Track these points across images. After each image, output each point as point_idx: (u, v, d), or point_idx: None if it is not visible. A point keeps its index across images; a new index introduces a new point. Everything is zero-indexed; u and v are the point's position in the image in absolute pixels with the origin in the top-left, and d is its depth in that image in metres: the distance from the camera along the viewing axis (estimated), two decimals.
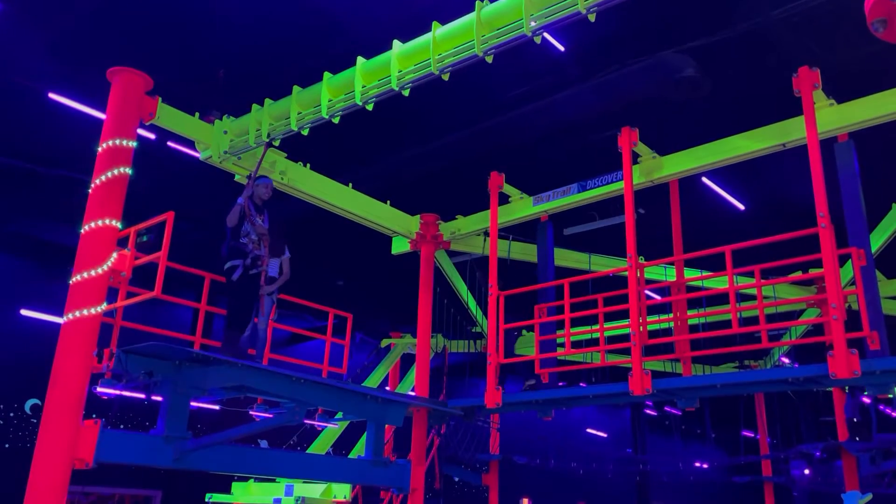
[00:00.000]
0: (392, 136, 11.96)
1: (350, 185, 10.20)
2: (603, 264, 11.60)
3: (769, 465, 15.36)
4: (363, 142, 11.79)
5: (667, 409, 25.30)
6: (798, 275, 10.21)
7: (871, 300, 6.82)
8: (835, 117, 7.65)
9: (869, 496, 8.77)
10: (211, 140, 8.30)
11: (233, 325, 7.50)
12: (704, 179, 12.32)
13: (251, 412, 8.52)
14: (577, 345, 11.20)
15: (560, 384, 10.33)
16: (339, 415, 9.75)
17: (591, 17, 5.79)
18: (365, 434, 9.02)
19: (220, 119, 8.31)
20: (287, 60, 9.95)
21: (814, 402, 16.67)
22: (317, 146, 9.37)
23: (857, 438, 10.25)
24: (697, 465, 27.65)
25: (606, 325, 8.55)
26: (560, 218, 10.74)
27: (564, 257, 11.69)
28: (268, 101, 7.97)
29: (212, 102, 8.49)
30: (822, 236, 6.56)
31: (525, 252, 11.56)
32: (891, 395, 7.74)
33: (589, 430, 26.89)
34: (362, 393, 8.40)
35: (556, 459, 21.51)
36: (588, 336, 11.24)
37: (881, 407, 16.97)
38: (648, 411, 26.34)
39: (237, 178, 8.83)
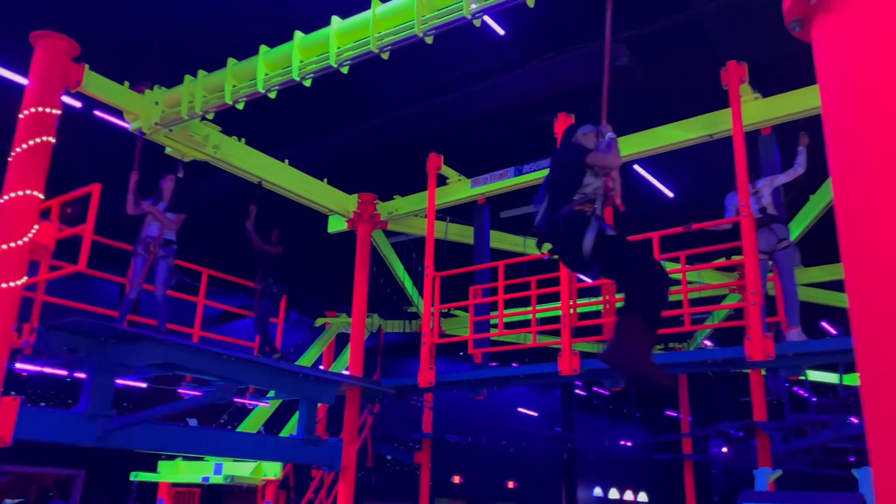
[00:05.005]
0: (331, 114, 11.81)
1: (286, 161, 10.06)
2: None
3: (690, 443, 15.99)
4: (301, 118, 11.61)
5: (595, 389, 26.04)
6: (721, 261, 10.62)
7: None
8: (760, 111, 7.96)
9: (779, 472, 9.26)
10: (141, 110, 8.05)
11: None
12: (636, 167, 12.63)
13: (179, 390, 8.39)
14: (510, 326, 11.39)
15: (493, 364, 10.52)
16: (271, 393, 9.70)
17: (530, 3, 5.85)
18: (297, 413, 9.01)
19: (151, 89, 8.06)
20: (223, 32, 9.68)
21: (733, 382, 17.45)
22: (253, 121, 9.19)
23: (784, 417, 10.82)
24: (623, 443, 28.60)
25: (538, 307, 8.73)
26: (498, 201, 10.85)
27: (501, 240, 11.84)
28: (201, 72, 7.77)
29: (143, 71, 8.22)
30: (742, 225, 6.85)
31: (462, 234, 11.66)
32: (802, 377, 8.17)
33: (520, 410, 27.44)
34: (294, 371, 8.37)
35: (488, 438, 21.90)
36: (521, 318, 11.44)
37: (794, 388, 17.90)
38: (578, 391, 27.05)
39: (168, 150, 8.60)
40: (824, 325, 15.97)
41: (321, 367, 12.73)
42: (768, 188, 7.44)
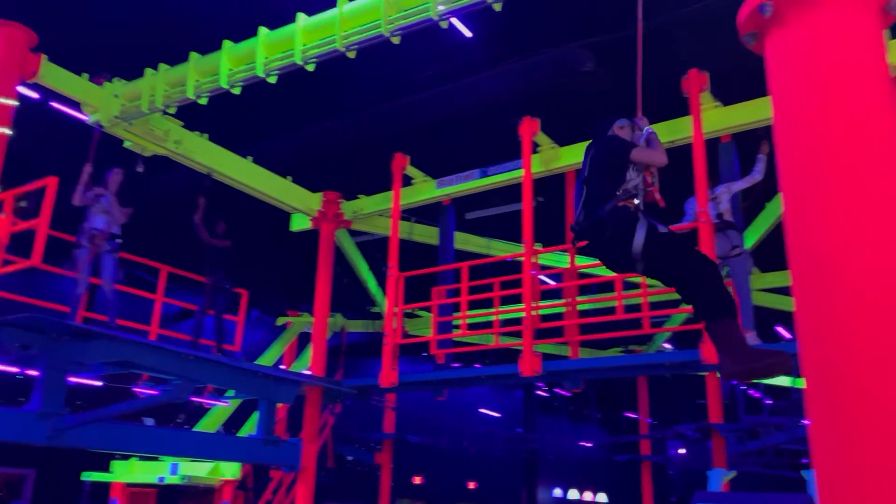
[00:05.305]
0: (296, 111, 11.72)
1: (250, 158, 9.95)
2: (503, 249, 11.86)
3: (648, 445, 16.22)
4: (267, 115, 11.49)
5: (556, 390, 26.26)
6: None
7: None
8: (720, 119, 8.12)
9: (733, 473, 9.46)
10: (100, 103, 7.89)
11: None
12: None
13: (135, 388, 8.25)
14: (473, 327, 11.44)
15: (455, 365, 10.54)
16: (231, 393, 9.59)
17: (497, 7, 5.89)
18: (255, 413, 8.91)
19: (111, 81, 7.90)
20: (185, 25, 9.54)
21: (691, 385, 17.74)
22: (217, 117, 9.08)
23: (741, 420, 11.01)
24: (583, 444, 28.88)
25: (501, 309, 8.79)
26: (463, 202, 10.88)
27: (466, 241, 11.88)
28: (163, 66, 7.64)
29: (102, 63, 8.06)
30: (701, 231, 6.99)
31: (427, 234, 11.66)
32: (754, 380, 8.35)
33: (483, 410, 27.53)
34: (253, 370, 8.29)
35: (450, 438, 21.93)
36: (484, 319, 11.49)
37: (750, 391, 18.27)
38: (540, 392, 27.24)
39: (127, 144, 8.44)
40: (779, 329, 16.34)
41: (282, 367, 12.62)
42: (726, 194, 7.60)
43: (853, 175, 2.05)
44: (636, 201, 4.27)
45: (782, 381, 10.00)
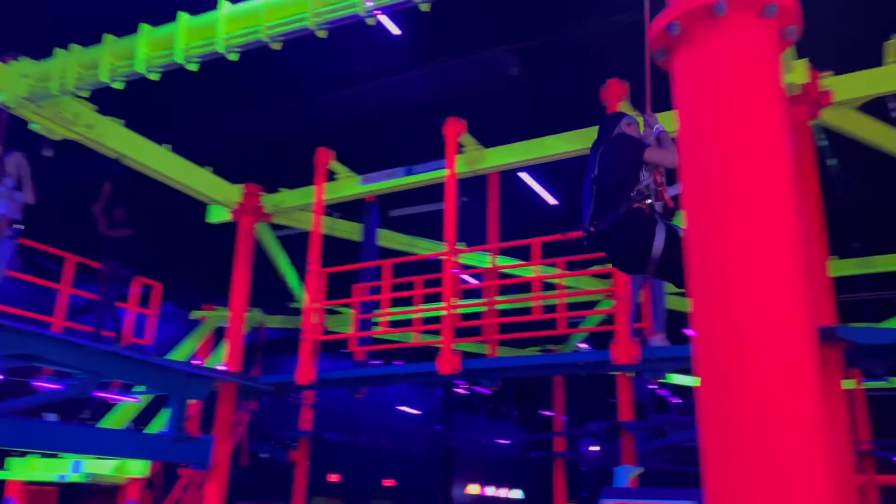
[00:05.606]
0: (219, 101, 11.43)
1: (169, 147, 9.64)
2: (426, 248, 11.92)
3: (562, 442, 16.63)
4: (188, 103, 11.16)
5: (476, 388, 26.58)
6: (597, 268, 11.14)
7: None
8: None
9: (640, 470, 9.81)
10: (6, 83, 7.47)
11: None
12: (523, 175, 13.01)
13: (36, 383, 7.87)
14: (394, 324, 11.46)
15: (374, 362, 10.54)
16: (140, 388, 9.28)
17: (424, 7, 5.91)
18: (166, 409, 8.65)
19: (17, 59, 7.51)
20: (100, 5, 9.16)
21: (604, 384, 18.29)
22: (134, 102, 8.75)
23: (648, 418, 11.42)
24: (500, 441, 29.32)
25: (422, 307, 8.84)
26: (387, 199, 10.85)
27: (389, 238, 11.87)
28: (75, 46, 7.32)
29: (8, 42, 7.64)
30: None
31: (351, 231, 11.58)
32: (662, 380, 8.71)
33: (402, 408, 27.58)
34: (163, 365, 8.05)
35: (369, 436, 21.85)
36: (405, 316, 11.52)
37: (659, 391, 19.00)
38: (459, 390, 27.51)
39: (35, 127, 8.03)
40: (689, 332, 17.04)
41: (195, 362, 12.29)
42: None
43: (746, 186, 2.20)
44: (649, 201, 4.14)
45: (688, 380, 10.44)
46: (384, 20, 9.64)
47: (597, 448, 16.98)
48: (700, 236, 2.29)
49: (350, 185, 10.38)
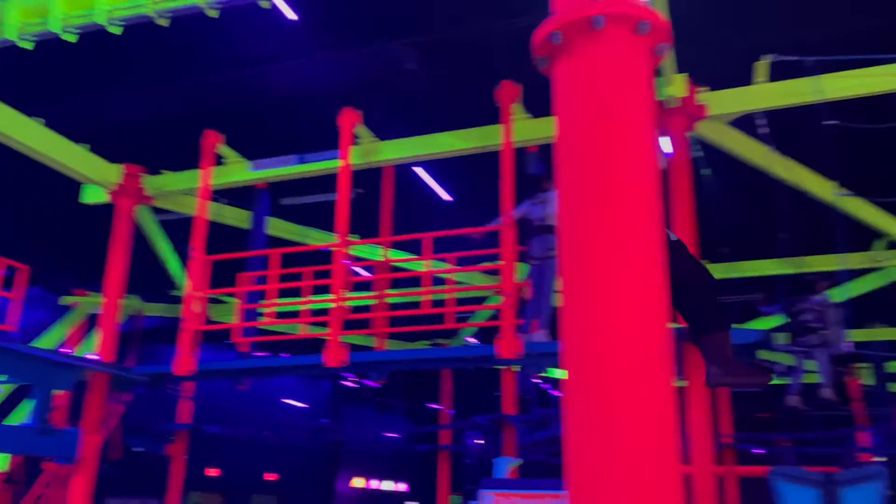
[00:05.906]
0: (101, 75, 10.78)
1: (41, 120, 9.01)
2: (318, 238, 11.75)
3: (448, 435, 16.87)
4: (66, 76, 10.46)
5: (365, 381, 26.50)
6: (487, 264, 11.37)
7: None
8: (528, 130, 8.62)
9: (519, 461, 10.11)
10: None
11: None
12: (418, 169, 13.08)
13: None
14: (281, 315, 11.24)
15: (259, 354, 10.29)
16: (3, 377, 8.66)
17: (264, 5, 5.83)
18: (29, 399, 8.12)
19: None
20: None
21: (491, 378, 18.71)
22: (3, 70, 8.13)
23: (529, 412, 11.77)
24: (387, 434, 29.38)
25: (310, 298, 8.69)
26: (279, 188, 10.61)
27: (279, 228, 11.62)
28: None
29: None
30: (503, 232, 7.39)
31: (239, 218, 11.26)
32: (543, 374, 9.01)
33: (287, 400, 27.10)
34: (25, 353, 7.55)
35: (252, 429, 21.32)
36: (292, 308, 11.33)
37: (542, 384, 19.63)
38: (347, 383, 27.34)
39: None
40: None
41: (63, 350, 11.59)
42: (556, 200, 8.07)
43: (615, 190, 2.32)
44: None
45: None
46: (279, 3, 9.41)
47: (481, 441, 17.35)
48: (571, 236, 2.40)
49: (239, 171, 10.08)
